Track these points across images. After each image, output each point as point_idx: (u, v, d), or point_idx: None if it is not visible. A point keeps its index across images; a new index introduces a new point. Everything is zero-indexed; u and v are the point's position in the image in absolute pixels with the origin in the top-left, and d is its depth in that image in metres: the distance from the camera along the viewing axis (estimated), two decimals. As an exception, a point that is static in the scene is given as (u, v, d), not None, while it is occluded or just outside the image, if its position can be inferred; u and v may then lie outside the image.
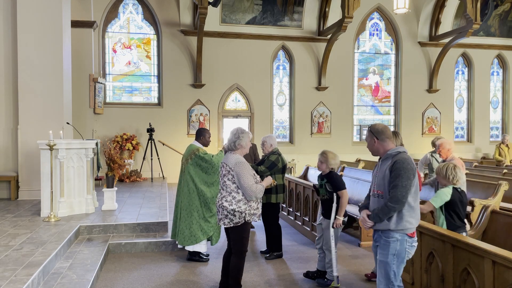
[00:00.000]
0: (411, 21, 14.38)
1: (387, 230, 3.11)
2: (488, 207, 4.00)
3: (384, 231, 3.14)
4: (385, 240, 3.12)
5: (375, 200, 3.22)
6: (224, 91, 13.10)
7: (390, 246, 3.11)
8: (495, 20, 15.05)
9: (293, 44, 13.57)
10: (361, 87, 14.54)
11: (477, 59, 15.20)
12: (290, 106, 13.88)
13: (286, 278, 4.76)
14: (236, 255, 4.02)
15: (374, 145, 3.29)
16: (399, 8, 10.56)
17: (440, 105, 14.83)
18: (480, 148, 15.20)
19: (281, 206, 8.01)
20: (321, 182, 4.58)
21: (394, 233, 3.09)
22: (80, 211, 6.55)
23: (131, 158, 11.80)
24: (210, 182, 5.16)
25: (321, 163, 4.54)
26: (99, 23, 12.23)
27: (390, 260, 3.11)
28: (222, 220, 3.93)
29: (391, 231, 3.10)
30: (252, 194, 3.81)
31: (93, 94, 11.77)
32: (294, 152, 13.50)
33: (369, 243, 5.98)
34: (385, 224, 3.11)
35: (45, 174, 6.23)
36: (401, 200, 3.02)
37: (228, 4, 12.86)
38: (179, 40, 12.72)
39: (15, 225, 5.79)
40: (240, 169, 3.83)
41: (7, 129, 8.25)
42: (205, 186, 5.16)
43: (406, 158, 3.10)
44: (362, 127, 14.48)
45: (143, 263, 5.19)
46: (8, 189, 8.12)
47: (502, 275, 2.83)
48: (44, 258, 4.30)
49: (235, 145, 3.98)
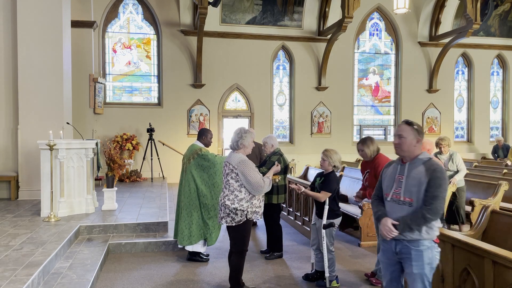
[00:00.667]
0: (411, 21, 14.38)
1: (417, 239, 2.83)
2: (488, 207, 3.99)
3: (412, 241, 2.84)
4: (417, 250, 2.82)
5: (398, 207, 2.88)
6: (224, 91, 13.10)
7: (423, 255, 2.83)
8: (495, 20, 15.06)
9: (293, 44, 13.57)
10: (361, 87, 14.54)
11: (477, 59, 15.20)
12: (290, 106, 13.88)
13: (286, 278, 4.76)
14: (237, 254, 4.04)
15: (414, 145, 2.90)
16: (399, 8, 10.56)
17: (440, 105, 14.83)
18: (480, 148, 15.20)
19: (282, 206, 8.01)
20: (317, 182, 4.56)
21: (424, 241, 2.83)
22: (80, 211, 6.55)
23: (131, 158, 11.80)
24: (211, 183, 5.15)
25: (323, 161, 4.50)
26: (99, 23, 12.23)
27: (427, 270, 2.83)
28: (224, 219, 3.94)
29: (421, 240, 2.83)
30: (260, 188, 3.87)
31: (93, 94, 11.77)
32: (294, 152, 13.50)
33: (369, 243, 5.99)
34: (417, 234, 2.82)
35: (45, 174, 6.23)
36: (439, 212, 2.77)
37: (228, 4, 12.86)
38: (179, 40, 12.72)
39: (15, 225, 5.79)
40: (244, 166, 3.87)
41: (7, 129, 8.25)
42: (205, 186, 5.16)
43: (442, 166, 2.90)
44: (362, 127, 14.48)
45: (143, 263, 5.19)
46: (8, 189, 8.12)
47: (502, 275, 2.83)
48: (44, 258, 4.30)
49: (237, 144, 4.02)
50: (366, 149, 4.51)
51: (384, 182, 3.04)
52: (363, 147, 4.53)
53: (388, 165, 3.11)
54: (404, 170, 2.91)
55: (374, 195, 3.14)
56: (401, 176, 2.91)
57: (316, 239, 4.57)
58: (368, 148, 4.50)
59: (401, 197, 2.87)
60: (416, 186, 2.81)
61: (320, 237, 4.45)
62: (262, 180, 3.90)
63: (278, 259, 5.43)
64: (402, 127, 2.94)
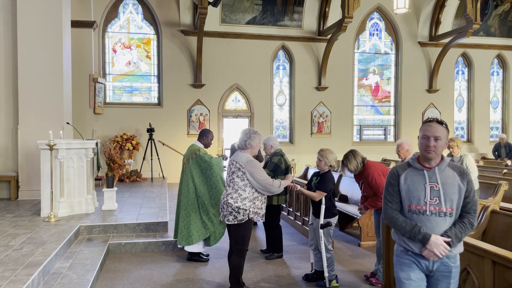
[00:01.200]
0: (411, 21, 14.38)
1: (455, 255, 2.54)
2: (488, 207, 4.00)
3: (451, 257, 2.52)
4: (455, 266, 2.53)
5: (441, 220, 2.48)
6: (224, 91, 13.10)
7: (458, 271, 2.55)
8: (495, 20, 15.05)
9: (293, 44, 13.57)
10: (361, 87, 14.54)
11: (477, 59, 15.20)
12: (290, 106, 13.88)
13: (286, 278, 4.76)
14: (237, 253, 4.04)
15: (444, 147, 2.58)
16: (399, 8, 10.56)
17: (440, 105, 14.83)
18: (480, 148, 15.20)
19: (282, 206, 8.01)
20: (313, 181, 4.54)
21: (458, 255, 2.57)
22: (80, 211, 6.55)
23: (131, 158, 11.80)
24: (209, 184, 5.16)
25: (319, 161, 4.48)
26: (99, 23, 12.23)
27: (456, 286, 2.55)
28: (226, 217, 3.96)
29: (457, 254, 2.55)
30: (270, 187, 3.91)
31: (93, 94, 11.77)
32: (294, 152, 13.50)
33: (369, 243, 5.99)
34: (459, 247, 2.54)
35: (45, 174, 6.23)
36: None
37: (228, 4, 12.86)
38: (179, 40, 12.72)
39: (15, 225, 5.79)
40: (252, 167, 3.90)
41: (7, 129, 8.25)
42: (204, 187, 5.17)
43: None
44: (362, 127, 14.48)
45: (143, 263, 5.19)
46: (8, 189, 8.12)
47: (502, 275, 2.83)
48: (44, 258, 4.30)
49: (245, 144, 4.03)
50: (350, 166, 4.45)
51: (405, 193, 2.55)
52: (346, 165, 4.49)
53: (396, 173, 2.63)
54: (435, 176, 2.51)
55: (392, 211, 2.60)
56: (434, 184, 2.50)
57: (314, 239, 4.57)
58: (351, 164, 4.44)
59: (443, 208, 2.48)
60: (457, 194, 2.48)
61: (318, 236, 4.45)
62: (271, 180, 3.94)
63: (278, 259, 5.43)
64: (437, 127, 2.51)
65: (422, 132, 2.56)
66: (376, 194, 4.40)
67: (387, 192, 2.63)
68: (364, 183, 4.53)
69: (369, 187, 4.47)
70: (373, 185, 4.41)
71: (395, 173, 2.63)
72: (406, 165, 2.64)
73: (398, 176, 2.60)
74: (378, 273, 4.56)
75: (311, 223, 4.64)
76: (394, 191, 2.60)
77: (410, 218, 2.53)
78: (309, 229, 4.69)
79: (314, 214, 4.54)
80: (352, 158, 4.45)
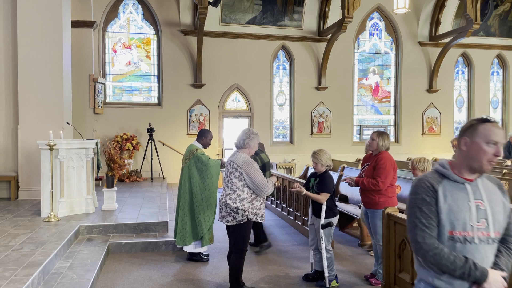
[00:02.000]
0: (411, 21, 14.38)
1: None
2: (488, 207, 3.99)
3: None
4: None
5: (489, 248, 1.90)
6: (224, 91, 13.10)
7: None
8: (495, 20, 15.05)
9: (293, 44, 13.57)
10: (361, 87, 14.54)
11: (477, 59, 15.20)
12: (290, 106, 13.88)
13: (286, 278, 4.76)
14: (237, 254, 4.04)
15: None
16: (399, 8, 10.57)
17: (440, 105, 14.83)
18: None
19: (277, 203, 8.03)
20: (312, 182, 4.51)
21: None
22: (80, 211, 6.55)
23: (131, 158, 11.80)
24: (203, 186, 5.14)
25: (315, 164, 4.47)
26: (99, 23, 12.23)
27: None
28: (225, 218, 3.96)
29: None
30: (263, 188, 3.90)
31: (93, 94, 11.77)
32: (294, 152, 13.51)
33: (369, 243, 5.99)
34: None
35: (45, 174, 6.23)
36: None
37: (228, 4, 12.86)
38: (179, 40, 12.72)
39: (15, 225, 5.79)
40: (248, 167, 3.89)
41: (7, 129, 8.25)
42: (199, 188, 5.15)
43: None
44: (362, 127, 14.48)
45: (143, 263, 5.19)
46: (8, 189, 8.12)
47: (502, 275, 2.82)
48: (44, 258, 4.30)
49: (244, 143, 4.03)
50: (380, 142, 4.44)
51: (447, 215, 1.88)
52: (376, 138, 4.47)
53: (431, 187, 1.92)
54: (478, 191, 1.92)
55: (432, 240, 1.89)
56: (480, 202, 1.90)
57: (315, 239, 4.55)
58: (383, 141, 4.45)
59: (491, 232, 1.89)
60: (503, 213, 1.93)
61: (319, 237, 4.44)
62: (265, 181, 3.94)
63: (278, 259, 5.43)
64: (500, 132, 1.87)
65: (487, 137, 1.87)
66: (375, 179, 4.36)
67: (421, 213, 1.90)
68: (370, 166, 4.49)
69: (372, 171, 4.42)
70: (379, 169, 4.35)
71: (429, 186, 1.92)
72: (437, 176, 1.97)
73: (436, 191, 1.91)
74: (377, 273, 4.56)
75: (311, 223, 4.61)
76: (431, 211, 1.89)
77: (451, 248, 1.88)
78: (309, 229, 4.67)
79: (315, 214, 4.51)
80: (387, 138, 4.49)
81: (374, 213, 4.47)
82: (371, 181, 4.36)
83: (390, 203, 4.39)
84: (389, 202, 4.39)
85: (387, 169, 4.34)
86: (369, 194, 4.46)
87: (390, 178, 4.38)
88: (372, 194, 4.42)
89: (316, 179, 4.50)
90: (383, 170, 4.33)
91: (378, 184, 4.32)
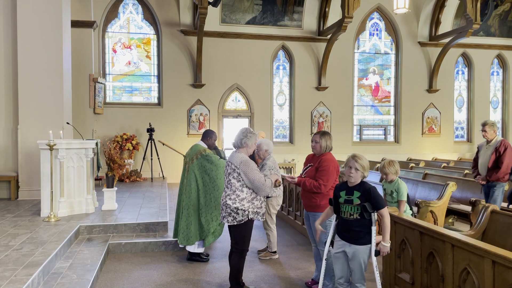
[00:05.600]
0: (411, 21, 14.39)
1: None
2: (488, 207, 4.00)
3: None
4: None
5: None
6: (224, 91, 13.10)
7: None
8: (495, 20, 15.06)
9: (293, 44, 13.58)
10: (361, 87, 14.54)
11: (477, 59, 15.20)
12: (290, 106, 13.88)
13: (286, 278, 4.76)
14: (237, 254, 4.04)
15: None
16: (399, 8, 10.57)
17: (440, 105, 14.84)
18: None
19: (282, 206, 8.02)
20: (349, 197, 3.42)
21: None
22: (80, 211, 6.55)
23: (131, 158, 11.80)
24: (212, 186, 5.12)
25: (356, 171, 3.41)
26: (99, 23, 12.23)
27: None
28: (226, 218, 3.96)
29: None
30: (262, 187, 3.89)
31: (93, 94, 11.77)
32: (294, 152, 13.51)
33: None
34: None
35: (45, 174, 6.23)
36: None
37: (228, 4, 12.86)
38: (179, 40, 12.72)
39: (15, 225, 5.79)
40: (246, 167, 3.89)
41: (7, 129, 8.25)
42: (206, 188, 5.15)
43: None
44: (362, 127, 14.49)
45: (143, 263, 5.19)
46: (8, 189, 8.12)
47: (502, 275, 2.83)
48: (44, 258, 4.30)
49: (241, 142, 4.03)
50: (322, 142, 4.20)
51: None
52: (319, 140, 4.20)
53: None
54: None
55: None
56: None
57: (345, 273, 3.52)
58: (326, 143, 4.20)
59: None
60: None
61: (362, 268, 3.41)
62: (264, 179, 3.93)
63: (278, 259, 5.43)
64: None
65: None
66: (318, 182, 4.04)
67: None
68: (313, 167, 4.22)
69: (315, 172, 4.15)
70: (322, 171, 4.07)
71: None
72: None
73: None
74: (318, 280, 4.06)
75: (339, 251, 3.50)
76: None
77: None
78: (335, 261, 3.56)
79: (350, 239, 3.42)
80: (329, 139, 4.25)
81: (315, 216, 4.07)
82: (313, 183, 4.07)
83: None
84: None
85: (330, 171, 4.09)
86: (311, 196, 4.15)
87: (332, 180, 4.09)
88: (314, 196, 4.12)
89: (355, 192, 3.41)
90: (326, 172, 4.08)
91: (320, 186, 4.04)
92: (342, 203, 3.47)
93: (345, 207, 3.44)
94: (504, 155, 5.84)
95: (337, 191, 3.57)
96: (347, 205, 3.43)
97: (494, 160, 5.90)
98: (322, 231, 3.80)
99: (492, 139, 6.03)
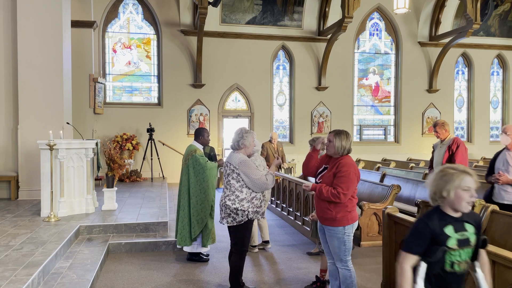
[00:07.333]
0: (411, 21, 14.38)
1: None
2: (488, 207, 4.00)
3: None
4: None
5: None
6: (224, 91, 13.10)
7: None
8: (495, 20, 15.06)
9: (293, 44, 13.58)
10: (361, 87, 14.54)
11: (477, 59, 15.20)
12: (290, 106, 13.88)
13: (286, 278, 4.75)
14: (237, 254, 4.04)
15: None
16: (399, 8, 10.57)
17: (440, 105, 14.83)
18: (480, 148, 15.19)
19: (277, 203, 8.02)
20: (462, 235, 2.13)
21: None
22: (80, 211, 6.55)
23: (131, 158, 11.80)
24: (199, 188, 5.12)
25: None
26: (99, 23, 12.23)
27: None
28: (225, 219, 3.96)
29: None
30: (264, 185, 3.90)
31: (93, 94, 11.77)
32: (294, 152, 13.51)
33: (369, 243, 5.99)
34: None
35: (45, 174, 6.23)
36: None
37: (228, 4, 12.86)
38: (179, 40, 12.72)
39: (15, 225, 5.79)
40: (245, 167, 3.89)
41: (7, 129, 8.25)
42: (195, 190, 5.14)
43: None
44: (362, 127, 14.48)
45: (143, 263, 5.19)
46: (8, 189, 8.12)
47: (502, 275, 2.83)
48: (44, 258, 4.30)
49: (238, 144, 4.04)
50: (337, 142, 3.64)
51: None
52: (332, 140, 3.67)
53: None
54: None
55: None
56: None
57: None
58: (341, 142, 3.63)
59: None
60: None
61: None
62: (265, 177, 3.93)
63: (278, 259, 5.43)
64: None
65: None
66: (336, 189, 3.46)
67: None
68: (330, 172, 3.64)
69: (332, 178, 3.55)
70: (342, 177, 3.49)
71: None
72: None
73: None
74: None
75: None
76: None
77: None
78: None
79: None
80: (344, 139, 3.64)
81: (331, 232, 3.57)
82: (331, 191, 3.47)
83: (350, 218, 3.56)
84: (348, 217, 3.54)
85: (351, 177, 3.50)
86: (326, 207, 3.56)
87: (353, 188, 3.53)
88: (329, 208, 3.54)
89: (472, 228, 2.18)
90: (346, 178, 3.48)
91: (339, 195, 3.44)
92: (455, 248, 2.09)
93: (458, 254, 2.10)
94: (457, 153, 5.84)
95: (434, 227, 2.11)
96: (461, 250, 2.10)
97: (447, 158, 5.91)
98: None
99: (445, 138, 6.05)
